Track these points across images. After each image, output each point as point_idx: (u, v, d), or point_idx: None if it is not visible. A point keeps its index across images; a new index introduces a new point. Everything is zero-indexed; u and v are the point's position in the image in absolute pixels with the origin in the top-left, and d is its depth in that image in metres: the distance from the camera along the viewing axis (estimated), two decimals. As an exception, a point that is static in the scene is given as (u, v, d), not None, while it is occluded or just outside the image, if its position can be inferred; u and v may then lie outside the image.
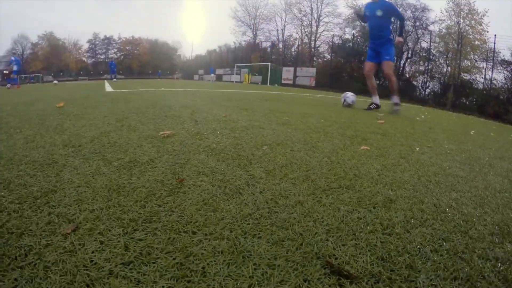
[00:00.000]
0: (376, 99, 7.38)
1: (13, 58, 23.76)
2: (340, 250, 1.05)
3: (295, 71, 38.46)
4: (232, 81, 42.32)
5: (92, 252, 0.99)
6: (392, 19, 7.27)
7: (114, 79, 28.02)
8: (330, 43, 41.87)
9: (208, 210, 1.29)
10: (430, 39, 31.70)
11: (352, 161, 2.10)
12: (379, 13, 6.70)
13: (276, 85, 35.47)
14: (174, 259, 0.96)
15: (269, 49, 54.12)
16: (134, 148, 2.14)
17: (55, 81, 28.47)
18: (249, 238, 1.10)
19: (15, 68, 22.44)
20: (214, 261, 0.96)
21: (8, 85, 20.79)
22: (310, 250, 1.04)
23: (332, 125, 3.57)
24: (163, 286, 0.86)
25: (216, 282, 0.88)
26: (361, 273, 0.95)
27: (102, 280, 0.87)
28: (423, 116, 7.28)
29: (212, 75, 45.84)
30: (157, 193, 1.42)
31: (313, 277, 0.92)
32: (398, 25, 7.41)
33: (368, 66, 7.40)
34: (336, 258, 1.01)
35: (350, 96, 7.63)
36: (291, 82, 37.73)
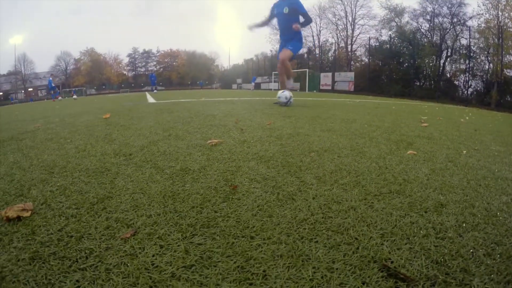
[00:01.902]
0: (288, 83, 7.33)
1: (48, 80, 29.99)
2: (396, 254, 1.05)
3: (333, 76, 38.16)
4: (271, 89, 42.23)
5: (153, 256, 1.02)
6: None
7: (155, 91, 28.75)
8: (367, 46, 41.37)
9: (264, 215, 1.30)
10: (469, 35, 30.46)
11: (400, 166, 2.07)
12: (285, 10, 6.85)
13: (314, 91, 35.29)
14: (234, 262, 0.98)
15: (305, 55, 54.00)
16: (184, 156, 2.19)
17: (75, 96, 29.78)
18: (306, 243, 1.10)
19: (49, 85, 28.49)
20: (274, 264, 0.98)
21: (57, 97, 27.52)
22: (367, 254, 1.04)
23: (376, 130, 3.52)
24: (226, 289, 0.87)
25: (277, 285, 0.89)
26: (417, 276, 0.94)
27: (165, 283, 0.89)
28: (467, 118, 7.06)
29: (252, 83, 45.54)
30: (212, 200, 1.45)
31: (371, 280, 0.92)
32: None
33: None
34: (392, 262, 1.00)
35: (282, 95, 6.97)
36: (329, 87, 37.46)
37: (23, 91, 72.43)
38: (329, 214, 1.33)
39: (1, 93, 69.02)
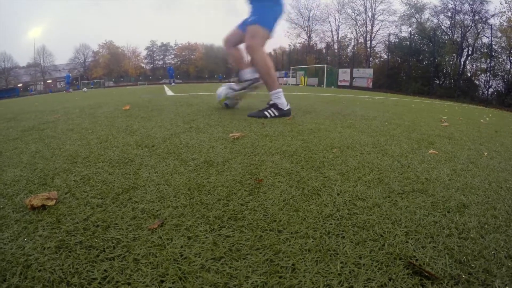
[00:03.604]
0: (245, 73, 4.45)
1: (66, 75, 37.18)
2: (420, 252, 1.05)
3: (351, 72, 37.85)
4: (288, 84, 42.04)
5: (181, 247, 1.02)
6: None
7: (173, 84, 28.85)
8: (386, 42, 41.00)
9: (290, 210, 1.30)
10: (491, 33, 29.80)
11: (422, 165, 2.05)
12: None
13: (332, 87, 35.02)
14: (263, 255, 0.98)
15: (324, 50, 53.72)
16: (207, 149, 2.20)
17: (84, 89, 30.16)
18: (333, 238, 1.10)
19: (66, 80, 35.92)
20: (303, 258, 0.98)
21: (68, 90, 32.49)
22: (392, 251, 1.04)
23: (396, 128, 3.50)
24: (256, 281, 0.87)
25: (307, 279, 0.89)
26: (441, 274, 0.94)
27: (194, 274, 0.89)
28: (487, 118, 6.96)
29: (285, 78, 44.12)
30: (237, 193, 1.45)
31: (397, 277, 0.92)
32: None
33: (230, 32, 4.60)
34: (416, 260, 1.00)
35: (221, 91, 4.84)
36: (347, 83, 37.14)
37: (42, 83, 73.59)
38: (354, 210, 1.32)
39: (21, 85, 70.24)
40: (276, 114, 3.90)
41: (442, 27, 36.90)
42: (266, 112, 3.90)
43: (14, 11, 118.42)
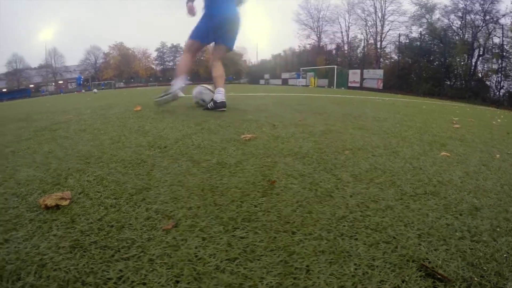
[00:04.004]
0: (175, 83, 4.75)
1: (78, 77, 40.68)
2: (433, 254, 1.05)
3: (361, 73, 37.71)
4: (298, 85, 41.89)
5: (196, 248, 1.03)
6: None
7: (183, 85, 28.97)
8: (397, 43, 40.78)
9: (304, 211, 1.31)
10: (502, 33, 29.60)
11: (434, 168, 2.05)
12: None
13: (343, 88, 34.82)
14: (278, 256, 0.99)
15: (334, 51, 53.57)
16: (219, 150, 2.20)
17: (95, 90, 30.44)
18: (346, 240, 1.11)
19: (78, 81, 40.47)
20: (317, 260, 0.99)
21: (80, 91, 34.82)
22: (405, 253, 1.05)
23: (408, 130, 3.48)
24: (270, 282, 0.88)
25: (321, 280, 0.90)
26: (453, 277, 0.95)
27: (209, 275, 0.90)
28: (499, 120, 6.90)
29: (300, 79, 43.97)
30: (251, 194, 1.46)
31: (410, 279, 0.93)
32: None
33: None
34: (429, 262, 1.01)
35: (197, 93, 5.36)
36: (358, 84, 36.99)
37: (53, 84, 74.35)
38: (367, 212, 1.33)
39: (33, 85, 71.02)
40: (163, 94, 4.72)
41: (453, 27, 36.68)
42: (162, 95, 4.73)
43: (26, 13, 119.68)
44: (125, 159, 2.01)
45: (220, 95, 4.61)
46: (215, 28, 4.64)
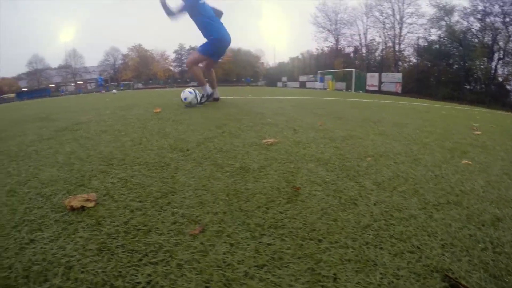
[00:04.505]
0: (204, 88, 6.08)
1: (99, 78, 43.53)
2: (456, 265, 1.05)
3: (380, 76, 37.31)
4: (316, 88, 41.64)
5: (224, 253, 1.04)
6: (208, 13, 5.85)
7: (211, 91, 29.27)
8: (415, 46, 40.29)
9: (329, 219, 1.31)
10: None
11: (456, 176, 2.03)
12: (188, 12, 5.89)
13: (360, 91, 34.50)
14: (305, 264, 1.00)
15: (352, 54, 53.23)
16: (241, 154, 2.22)
17: (114, 90, 31.18)
18: (371, 248, 1.12)
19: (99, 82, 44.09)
20: (343, 268, 1.00)
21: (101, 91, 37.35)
22: (430, 263, 1.05)
23: (428, 136, 3.45)
24: (299, 290, 0.89)
25: (348, 289, 0.90)
26: None
27: (238, 281, 0.92)
28: (521, 127, 6.79)
29: (319, 83, 43.15)
30: (276, 200, 1.47)
31: None
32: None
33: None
34: (452, 273, 1.01)
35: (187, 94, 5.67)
36: (376, 88, 36.51)
37: (73, 84, 75.56)
38: (391, 221, 1.33)
39: (53, 85, 72.29)
40: (205, 98, 5.92)
41: (472, 29, 35.97)
42: (201, 100, 5.77)
43: (46, 14, 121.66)
44: (148, 161, 2.03)
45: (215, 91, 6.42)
46: (223, 50, 6.28)
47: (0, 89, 69.07)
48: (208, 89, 6.06)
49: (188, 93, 5.57)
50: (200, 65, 6.18)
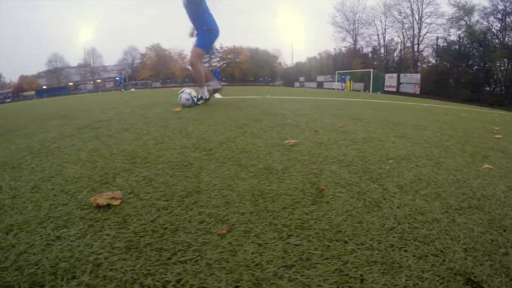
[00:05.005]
0: (203, 90, 6.10)
1: (118, 77, 45.09)
2: (478, 269, 1.06)
3: (398, 77, 36.96)
4: (334, 89, 41.38)
5: (252, 253, 1.06)
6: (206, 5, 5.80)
7: (219, 86, 29.47)
8: (434, 46, 39.76)
9: (354, 221, 1.33)
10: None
11: (477, 181, 2.02)
12: (184, 1, 5.77)
13: (379, 92, 34.22)
14: (333, 265, 1.02)
15: (370, 54, 52.82)
16: (264, 155, 2.23)
17: (132, 89, 31.76)
18: (396, 251, 1.13)
19: (119, 81, 44.79)
20: (370, 270, 1.01)
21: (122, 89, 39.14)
22: (453, 266, 1.06)
23: (449, 139, 3.43)
24: (327, 290, 0.91)
25: (375, 290, 0.92)
26: None
27: (268, 281, 0.93)
28: (544, 130, 6.68)
29: (341, 83, 42.43)
30: (301, 201, 1.48)
31: None
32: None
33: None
34: (475, 276, 1.02)
35: (183, 95, 5.68)
36: (394, 89, 36.21)
37: (92, 82, 76.66)
38: (414, 225, 1.34)
39: (72, 83, 73.50)
40: (203, 101, 5.90)
41: (492, 30, 35.40)
42: (199, 102, 5.77)
43: (66, 14, 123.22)
44: (171, 160, 2.06)
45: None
46: (215, 40, 6.21)
47: (20, 87, 70.54)
48: (206, 93, 6.09)
49: (185, 100, 5.58)
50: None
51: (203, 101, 5.94)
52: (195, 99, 5.69)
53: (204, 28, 5.81)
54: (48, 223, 1.25)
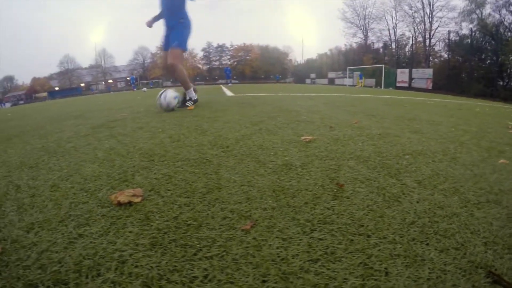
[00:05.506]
0: (190, 92, 5.63)
1: (129, 77, 44.83)
2: (498, 262, 1.06)
3: (410, 72, 36.53)
4: (345, 85, 41.16)
5: (277, 248, 1.07)
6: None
7: (230, 84, 29.56)
8: (446, 41, 39.21)
9: (375, 215, 1.34)
10: None
11: (494, 175, 2.01)
12: None
13: (390, 88, 33.83)
14: (357, 259, 1.03)
15: (381, 50, 52.41)
16: (282, 151, 2.24)
17: (144, 89, 32.23)
18: (418, 244, 1.14)
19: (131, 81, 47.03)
20: (393, 263, 1.02)
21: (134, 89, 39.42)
22: (474, 259, 1.07)
23: (464, 134, 3.41)
24: (354, 283, 0.92)
25: (400, 282, 0.94)
26: None
27: (295, 275, 0.95)
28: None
29: (359, 79, 41.50)
30: (322, 197, 1.50)
31: (479, 284, 0.95)
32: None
33: (163, 57, 5.73)
34: (495, 269, 1.02)
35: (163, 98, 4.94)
36: (406, 84, 35.72)
37: (103, 83, 77.31)
38: (434, 219, 1.34)
39: (83, 84, 74.24)
40: (192, 102, 5.51)
41: (505, 23, 34.77)
42: (187, 104, 5.42)
43: (77, 16, 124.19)
44: (189, 158, 2.09)
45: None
46: (190, 35, 5.59)
47: (33, 89, 71.40)
48: (194, 94, 5.65)
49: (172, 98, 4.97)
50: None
51: (192, 103, 5.52)
52: (180, 99, 5.28)
53: (182, 20, 5.36)
54: (69, 221, 1.26)
